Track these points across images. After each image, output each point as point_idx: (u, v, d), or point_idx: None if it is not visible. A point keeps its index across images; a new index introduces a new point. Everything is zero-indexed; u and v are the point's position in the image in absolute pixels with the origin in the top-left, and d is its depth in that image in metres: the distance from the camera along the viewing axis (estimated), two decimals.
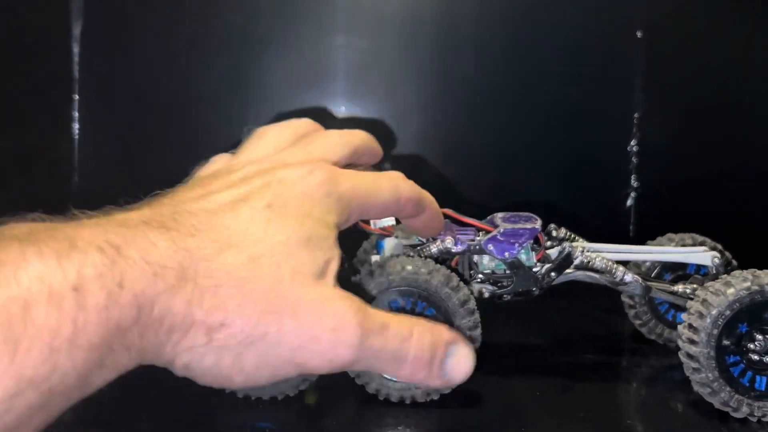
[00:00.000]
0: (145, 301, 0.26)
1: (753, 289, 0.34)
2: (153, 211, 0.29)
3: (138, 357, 0.27)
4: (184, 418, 0.36)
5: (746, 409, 0.35)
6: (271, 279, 0.28)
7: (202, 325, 0.27)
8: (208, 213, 0.30)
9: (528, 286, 0.39)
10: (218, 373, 0.28)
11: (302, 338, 0.28)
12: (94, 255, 0.25)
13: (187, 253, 0.27)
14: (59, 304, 0.24)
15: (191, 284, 0.27)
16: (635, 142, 0.72)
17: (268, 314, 0.28)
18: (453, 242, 0.39)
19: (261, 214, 0.30)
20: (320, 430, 0.35)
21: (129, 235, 0.26)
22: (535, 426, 0.35)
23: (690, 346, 0.35)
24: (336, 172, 0.33)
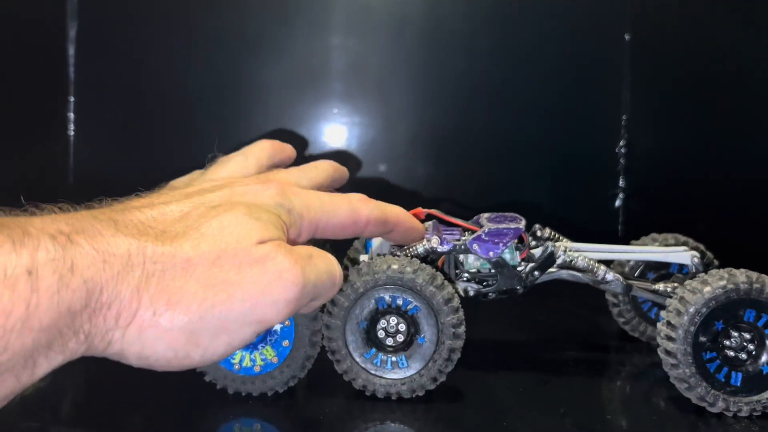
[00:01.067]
0: (94, 287, 0.27)
1: (729, 287, 0.35)
2: (103, 209, 0.30)
3: (86, 343, 0.27)
4: (174, 415, 0.37)
5: (722, 404, 0.36)
6: (214, 254, 0.29)
7: (149, 309, 0.28)
8: (159, 212, 0.31)
9: (512, 285, 0.40)
10: (173, 355, 0.29)
11: (253, 297, 0.29)
12: (47, 241, 0.26)
13: (133, 242, 0.28)
14: (13, 285, 0.24)
15: (138, 270, 0.28)
16: (623, 144, 0.73)
17: (213, 287, 0.29)
18: (439, 242, 0.40)
19: (209, 208, 0.31)
20: (309, 426, 0.36)
21: (78, 225, 0.28)
22: (516, 419, 0.36)
23: (668, 343, 0.36)
24: (291, 189, 0.34)
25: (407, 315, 0.37)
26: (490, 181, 0.73)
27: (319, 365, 0.38)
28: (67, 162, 0.70)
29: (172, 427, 0.36)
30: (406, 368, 0.37)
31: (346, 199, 0.36)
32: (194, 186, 0.35)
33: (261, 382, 0.38)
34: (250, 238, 0.30)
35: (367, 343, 0.38)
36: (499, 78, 0.73)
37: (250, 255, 0.30)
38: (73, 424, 0.36)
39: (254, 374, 0.38)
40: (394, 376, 0.37)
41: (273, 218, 0.32)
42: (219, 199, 0.32)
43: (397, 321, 0.37)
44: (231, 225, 0.30)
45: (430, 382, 0.37)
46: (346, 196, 0.37)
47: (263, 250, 0.30)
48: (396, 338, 0.37)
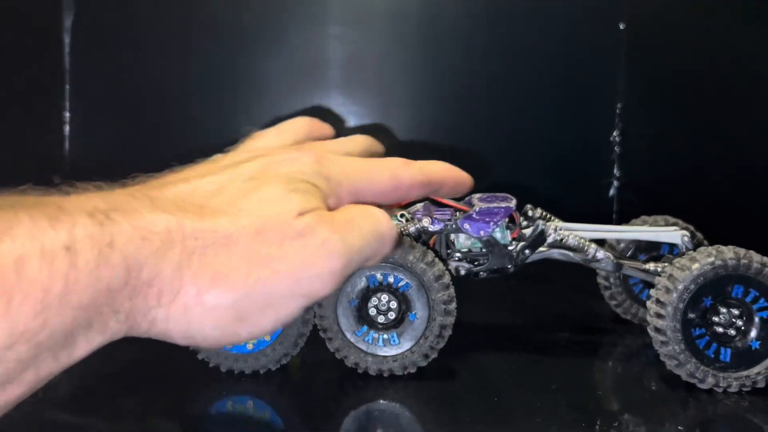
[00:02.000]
0: (134, 264, 0.26)
1: (717, 263, 0.36)
2: (138, 186, 0.30)
3: (127, 322, 0.27)
4: (168, 393, 0.37)
5: (711, 380, 0.36)
6: (254, 229, 0.29)
7: (193, 287, 0.27)
8: (194, 186, 0.30)
9: (503, 264, 0.40)
10: (220, 333, 0.28)
11: (297, 271, 0.29)
12: (84, 218, 0.25)
13: (172, 218, 0.28)
14: (51, 261, 0.24)
15: (179, 247, 0.27)
16: (618, 132, 0.73)
17: (257, 262, 0.28)
18: (430, 221, 0.40)
19: (245, 181, 0.31)
20: (301, 404, 0.36)
21: (114, 203, 0.27)
22: (507, 397, 0.36)
23: (657, 320, 0.36)
24: (327, 156, 0.34)
25: (398, 292, 0.38)
26: (484, 170, 0.74)
27: (311, 343, 0.38)
28: (62, 152, 0.71)
29: (165, 405, 0.36)
30: (398, 345, 0.38)
31: (385, 164, 0.36)
32: (228, 158, 0.34)
33: (253, 360, 0.38)
34: (290, 211, 0.30)
35: (358, 320, 0.38)
36: (494, 67, 0.73)
37: (291, 228, 0.29)
38: (66, 406, 0.36)
39: (247, 352, 0.38)
40: (386, 353, 0.38)
41: (311, 188, 0.31)
42: (255, 171, 0.32)
43: (388, 298, 0.38)
44: (270, 198, 0.30)
45: (422, 358, 0.38)
46: (384, 160, 0.36)
47: (303, 222, 0.29)
48: (387, 316, 0.38)
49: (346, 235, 0.30)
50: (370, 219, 0.32)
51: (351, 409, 0.36)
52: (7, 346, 0.23)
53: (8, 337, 0.23)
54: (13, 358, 0.23)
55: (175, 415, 0.35)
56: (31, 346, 0.24)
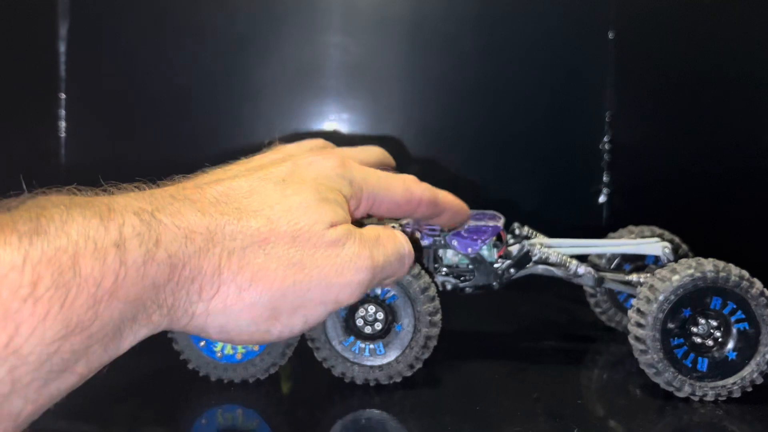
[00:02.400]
0: (178, 261, 0.28)
1: (696, 275, 0.36)
2: (177, 188, 0.32)
3: (169, 315, 0.29)
4: (158, 403, 0.38)
5: (688, 388, 0.37)
6: (289, 235, 0.31)
7: (232, 284, 0.30)
8: (228, 187, 0.32)
9: (488, 281, 0.41)
10: (255, 329, 0.31)
11: (329, 278, 0.31)
12: (132, 217, 0.28)
13: (212, 219, 0.30)
14: (103, 257, 0.26)
15: (219, 247, 0.30)
16: (607, 140, 0.74)
17: (293, 266, 0.31)
18: (420, 236, 0.41)
19: (276, 185, 0.33)
20: (289, 412, 0.37)
21: (158, 204, 0.29)
22: (489, 404, 0.37)
23: (637, 329, 0.37)
24: (350, 161, 0.36)
25: (385, 304, 0.38)
26: (474, 177, 0.74)
27: (299, 353, 0.39)
28: (58, 160, 0.71)
29: (155, 414, 0.37)
30: (384, 355, 0.38)
31: (400, 178, 0.38)
32: (255, 160, 0.36)
33: (242, 370, 0.39)
34: (323, 222, 0.32)
35: (345, 331, 0.39)
36: (483, 75, 0.74)
37: (324, 238, 0.32)
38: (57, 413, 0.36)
39: (236, 362, 0.39)
40: (372, 363, 0.38)
41: (339, 198, 0.34)
42: (284, 174, 0.34)
43: (375, 309, 0.38)
44: (303, 207, 0.32)
45: (407, 368, 0.38)
46: (399, 175, 0.38)
47: (335, 234, 0.32)
48: (374, 326, 0.38)
49: (374, 252, 0.33)
50: (394, 241, 0.35)
51: (338, 418, 0.36)
52: (63, 337, 0.25)
53: (64, 328, 0.25)
54: (68, 348, 0.25)
55: (165, 424, 0.36)
56: (84, 337, 0.26)
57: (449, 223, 0.41)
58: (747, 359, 0.37)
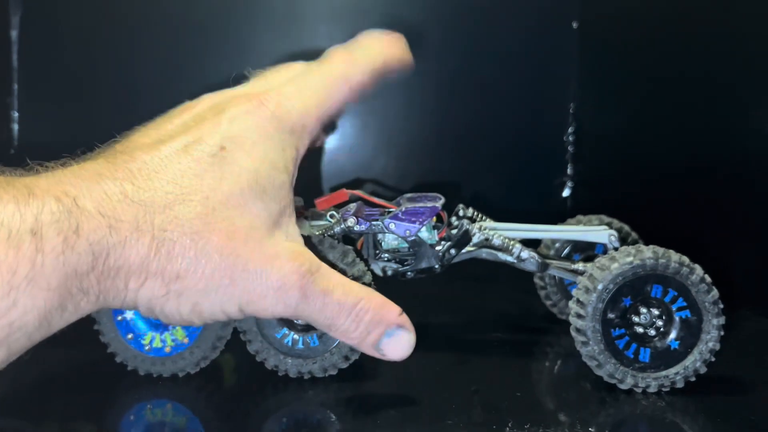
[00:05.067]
0: (101, 250, 0.27)
1: (636, 263, 0.35)
2: (108, 162, 0.30)
3: (97, 301, 0.28)
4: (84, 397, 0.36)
5: (631, 380, 0.36)
6: (224, 234, 0.30)
7: (159, 276, 0.29)
8: (162, 160, 0.30)
9: (429, 264, 0.40)
10: (179, 318, 0.31)
11: (250, 294, 0.30)
12: (51, 203, 0.27)
13: (140, 206, 0.29)
14: (18, 245, 0.25)
15: (147, 237, 0.29)
16: (571, 131, 0.73)
17: (221, 269, 0.30)
18: (355, 221, 0.40)
19: (214, 159, 0.31)
20: (221, 407, 0.36)
21: (84, 187, 0.28)
22: (424, 397, 0.35)
23: (578, 320, 0.36)
24: (285, 97, 0.33)
25: None
26: (437, 171, 0.73)
27: (230, 345, 0.38)
28: (10, 151, 0.70)
29: (82, 410, 0.35)
30: (317, 347, 0.37)
31: (335, 72, 0.35)
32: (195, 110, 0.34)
33: (172, 363, 0.38)
34: (260, 227, 0.31)
35: (278, 323, 0.37)
36: (446, 66, 0.72)
37: (260, 250, 0.31)
38: None
39: (165, 355, 0.37)
40: (306, 355, 0.37)
41: (279, 178, 0.32)
42: (220, 140, 0.31)
43: None
44: (240, 201, 0.31)
45: (342, 360, 0.37)
46: (332, 67, 0.35)
47: (273, 250, 0.31)
48: None
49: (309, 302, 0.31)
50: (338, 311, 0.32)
51: (271, 412, 0.35)
52: None
53: None
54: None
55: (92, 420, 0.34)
56: (3, 325, 0.25)
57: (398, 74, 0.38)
58: (689, 348, 0.36)
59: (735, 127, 0.55)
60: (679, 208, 0.68)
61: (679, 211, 0.68)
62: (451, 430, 0.32)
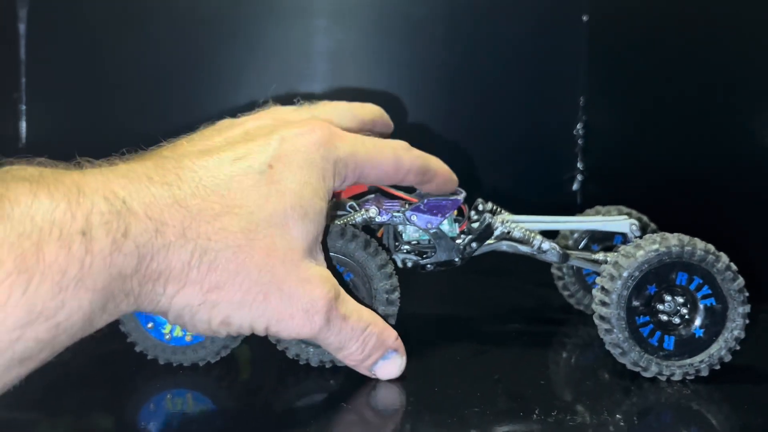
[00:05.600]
0: (146, 253, 0.28)
1: (661, 251, 0.35)
2: (156, 165, 0.30)
3: (135, 304, 0.29)
4: (105, 387, 0.36)
5: (655, 368, 0.36)
6: (264, 252, 0.30)
7: (197, 285, 0.29)
8: (209, 170, 0.31)
9: (450, 257, 0.40)
10: (207, 327, 0.31)
11: (281, 313, 0.31)
12: (101, 203, 0.27)
13: (188, 212, 0.29)
14: (69, 245, 0.25)
15: (191, 244, 0.29)
16: (581, 126, 0.73)
17: (258, 285, 0.30)
18: (377, 212, 0.40)
19: (261, 176, 0.31)
20: (241, 396, 0.36)
21: (133, 189, 0.28)
22: (447, 386, 0.35)
23: (602, 308, 0.36)
24: (337, 133, 0.34)
25: (342, 282, 0.37)
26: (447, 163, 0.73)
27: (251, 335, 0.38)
28: (18, 146, 0.69)
29: (102, 400, 0.35)
30: None
31: (390, 146, 0.36)
32: (240, 127, 0.35)
33: (192, 352, 0.37)
34: (298, 249, 0.32)
35: None
36: (457, 61, 0.72)
37: (294, 272, 0.31)
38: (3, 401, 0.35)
39: (185, 344, 0.37)
40: None
41: (321, 205, 0.33)
42: (269, 157, 0.32)
43: None
44: (283, 221, 0.31)
45: None
46: (389, 142, 0.37)
47: (306, 273, 0.32)
48: None
49: (330, 326, 0.32)
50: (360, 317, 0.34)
51: (292, 401, 0.35)
52: (26, 324, 0.24)
53: (27, 315, 0.24)
54: (32, 336, 0.25)
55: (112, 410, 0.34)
56: (50, 326, 0.25)
57: (438, 191, 0.39)
58: (714, 336, 0.36)
59: (747, 119, 0.55)
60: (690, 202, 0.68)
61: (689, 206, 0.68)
62: (477, 417, 0.32)
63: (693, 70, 0.63)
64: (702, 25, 0.62)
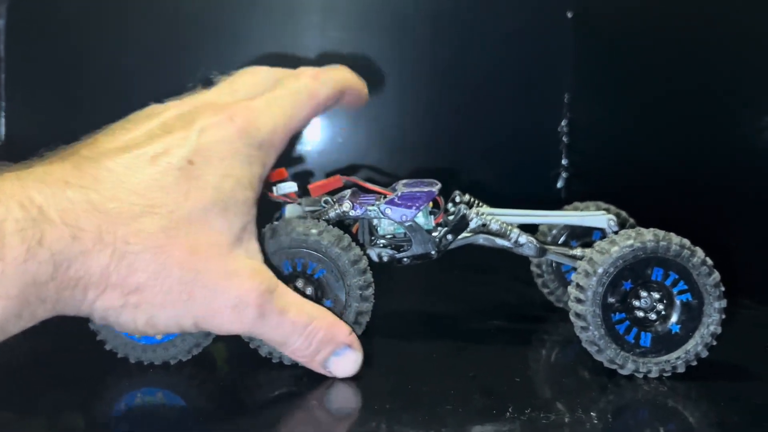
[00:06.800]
0: (62, 260, 0.27)
1: (636, 246, 0.35)
2: (74, 166, 0.29)
3: (54, 310, 0.28)
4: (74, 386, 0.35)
5: (632, 365, 0.35)
6: (187, 250, 0.30)
7: (118, 288, 0.29)
8: (128, 169, 0.30)
9: (426, 249, 0.39)
10: (134, 327, 0.31)
11: (207, 309, 0.31)
12: (16, 210, 0.26)
13: (105, 216, 0.28)
14: None
15: (110, 248, 0.28)
16: (566, 122, 0.73)
17: (181, 283, 0.30)
18: (351, 206, 0.39)
19: (181, 172, 0.31)
20: (213, 395, 0.35)
21: (50, 194, 0.28)
22: (421, 383, 0.35)
23: (577, 305, 0.36)
24: (254, 114, 0.33)
25: (313, 278, 0.36)
26: (431, 161, 0.73)
27: None
28: None
29: (71, 398, 0.34)
30: None
31: (303, 90, 0.35)
32: (161, 116, 0.33)
33: (163, 351, 0.37)
34: (222, 243, 0.31)
35: None
36: (440, 56, 0.72)
37: (220, 267, 0.31)
38: None
39: (156, 342, 0.37)
40: None
41: (246, 195, 0.32)
42: (188, 153, 0.31)
43: (303, 284, 0.36)
44: (204, 217, 0.31)
45: None
46: (299, 82, 0.35)
47: (232, 267, 0.31)
48: None
49: (265, 320, 0.32)
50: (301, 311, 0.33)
51: (264, 400, 0.34)
52: None
53: None
54: None
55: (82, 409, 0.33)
56: None
57: (354, 104, 0.39)
58: (691, 332, 0.35)
59: (731, 116, 0.55)
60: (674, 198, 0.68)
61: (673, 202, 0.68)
62: (450, 415, 0.31)
63: (677, 68, 0.62)
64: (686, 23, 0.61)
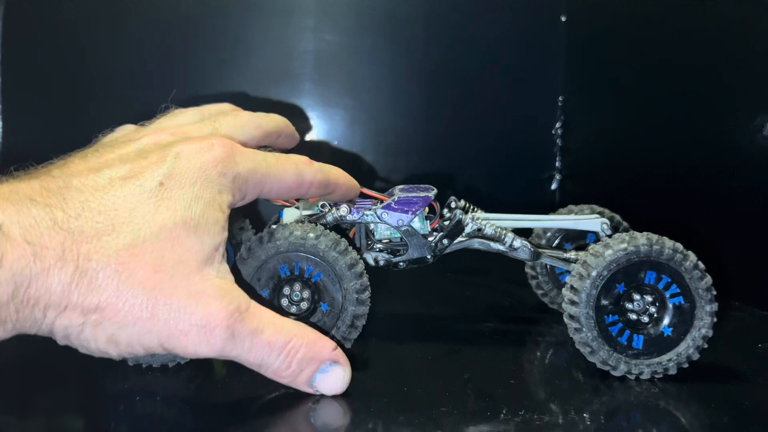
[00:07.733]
0: (23, 280, 0.27)
1: (630, 249, 0.35)
2: (41, 185, 0.29)
3: (14, 330, 0.28)
4: (72, 390, 0.36)
5: (624, 367, 0.36)
6: (151, 266, 0.29)
7: (78, 307, 0.28)
8: (97, 190, 0.30)
9: (422, 254, 0.40)
10: (95, 347, 0.30)
11: (171, 330, 0.30)
12: None
13: (68, 234, 0.28)
14: None
15: (71, 266, 0.28)
16: (559, 125, 0.73)
17: (142, 302, 0.29)
18: (348, 210, 0.39)
19: (151, 194, 0.30)
20: (211, 398, 0.35)
21: (14, 211, 0.27)
22: (416, 385, 0.35)
23: (571, 307, 0.36)
24: (236, 150, 0.33)
25: (310, 282, 0.37)
26: (425, 164, 0.73)
27: None
28: None
29: (69, 401, 0.35)
30: None
31: (291, 161, 0.35)
32: (134, 140, 0.33)
33: (162, 355, 0.37)
34: (190, 261, 0.30)
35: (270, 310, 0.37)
36: (434, 60, 0.72)
37: (186, 286, 0.30)
38: None
39: None
40: None
41: (214, 215, 0.31)
42: (162, 174, 0.31)
43: (300, 288, 0.37)
44: (172, 234, 0.30)
45: None
46: (291, 157, 0.36)
47: (200, 286, 0.30)
48: (299, 306, 0.37)
49: (236, 342, 0.31)
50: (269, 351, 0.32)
51: (263, 402, 0.35)
52: None
53: None
54: None
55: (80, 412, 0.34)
56: None
57: (341, 200, 0.39)
58: (683, 335, 0.36)
59: (722, 118, 0.55)
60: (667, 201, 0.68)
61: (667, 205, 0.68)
62: (445, 417, 0.32)
63: (670, 70, 0.63)
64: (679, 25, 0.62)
